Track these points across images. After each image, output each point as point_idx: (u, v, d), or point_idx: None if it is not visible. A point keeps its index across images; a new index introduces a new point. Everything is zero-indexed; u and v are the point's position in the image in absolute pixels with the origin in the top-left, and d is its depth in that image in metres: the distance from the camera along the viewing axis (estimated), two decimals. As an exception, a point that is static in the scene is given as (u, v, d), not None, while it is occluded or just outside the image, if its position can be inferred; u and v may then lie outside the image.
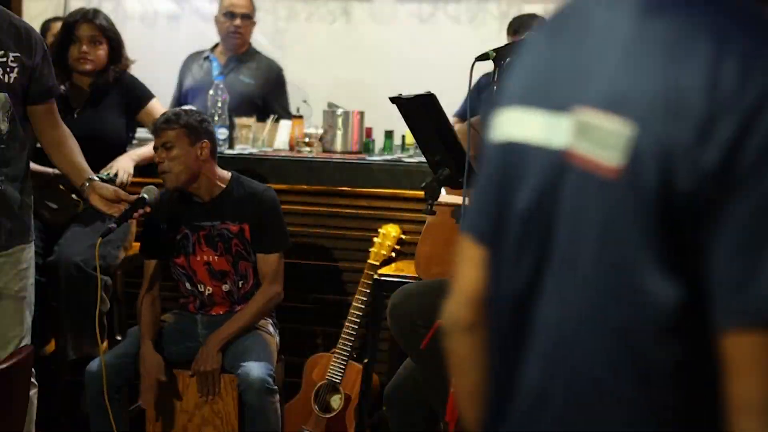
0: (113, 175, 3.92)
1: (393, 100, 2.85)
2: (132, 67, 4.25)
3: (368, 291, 3.77)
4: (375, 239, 3.87)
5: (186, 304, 3.68)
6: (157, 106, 4.17)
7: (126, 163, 4.01)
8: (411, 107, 2.85)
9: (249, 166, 4.07)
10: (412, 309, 2.89)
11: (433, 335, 2.68)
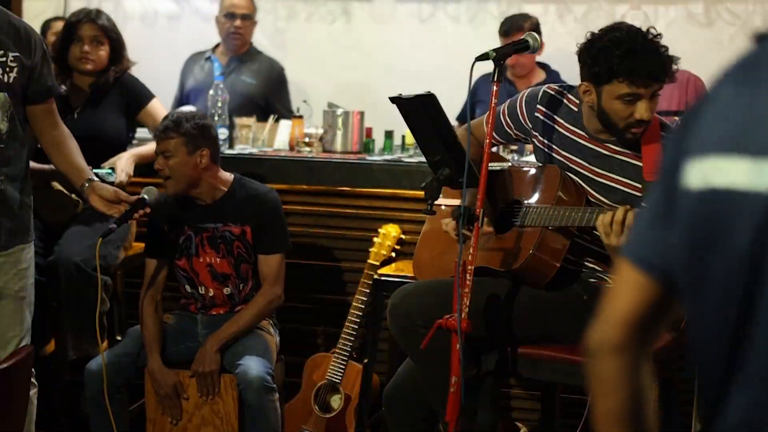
0: (112, 169, 3.93)
1: (393, 100, 2.85)
2: (132, 68, 4.26)
3: (368, 291, 3.77)
4: (375, 239, 3.87)
5: (187, 304, 3.68)
6: (157, 107, 4.17)
7: (126, 162, 4.01)
8: (411, 107, 2.85)
9: (249, 166, 4.07)
10: (411, 309, 2.88)
11: (433, 335, 2.68)
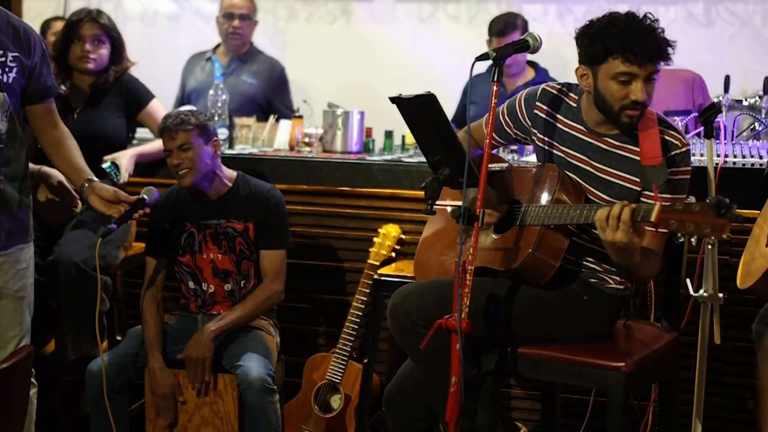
0: (114, 165, 3.93)
1: (393, 100, 2.85)
2: (132, 67, 4.26)
3: (368, 291, 3.78)
4: (375, 239, 3.87)
5: (187, 304, 3.68)
6: (157, 107, 4.17)
7: (129, 161, 4.01)
8: (411, 107, 2.85)
9: (249, 166, 4.07)
10: (412, 309, 2.88)
11: (433, 335, 2.68)
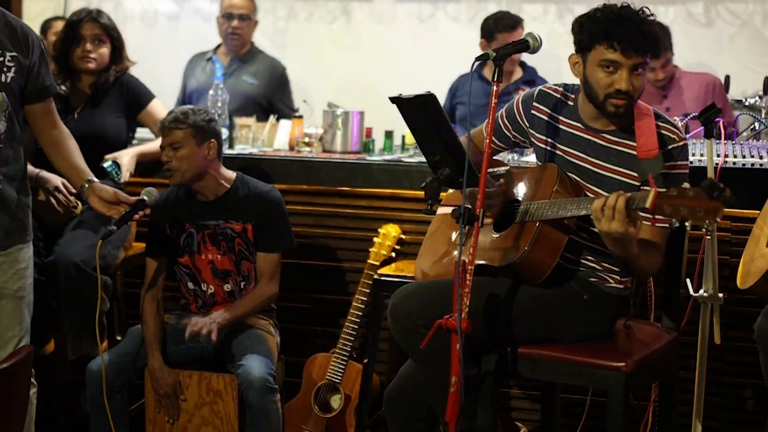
0: (115, 164, 3.93)
1: (393, 100, 2.85)
2: (132, 67, 4.26)
3: (368, 291, 3.78)
4: (375, 239, 3.87)
5: (187, 304, 3.68)
6: (157, 107, 4.17)
7: (130, 161, 4.01)
8: (411, 107, 2.85)
9: (249, 166, 4.07)
10: (412, 309, 2.88)
11: (433, 335, 2.68)
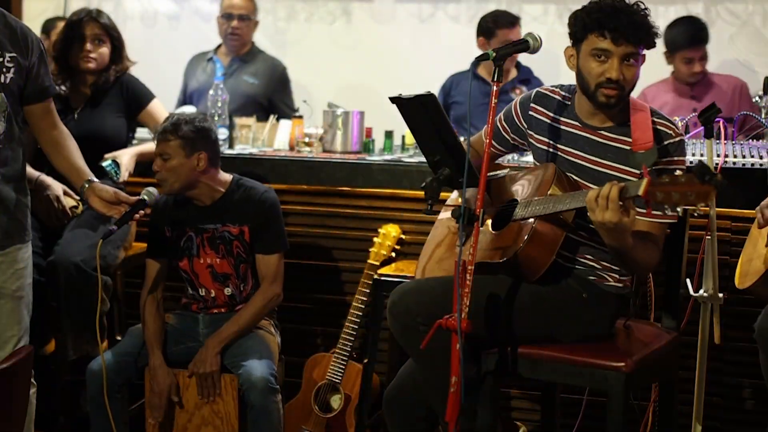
0: (115, 163, 3.93)
1: (393, 100, 2.85)
2: (132, 67, 4.26)
3: (368, 291, 3.78)
4: (375, 239, 3.87)
5: (188, 304, 3.68)
6: (157, 107, 4.17)
7: (130, 161, 4.01)
8: (411, 107, 2.85)
9: (249, 166, 4.07)
10: (411, 306, 2.87)
11: (433, 335, 2.67)
